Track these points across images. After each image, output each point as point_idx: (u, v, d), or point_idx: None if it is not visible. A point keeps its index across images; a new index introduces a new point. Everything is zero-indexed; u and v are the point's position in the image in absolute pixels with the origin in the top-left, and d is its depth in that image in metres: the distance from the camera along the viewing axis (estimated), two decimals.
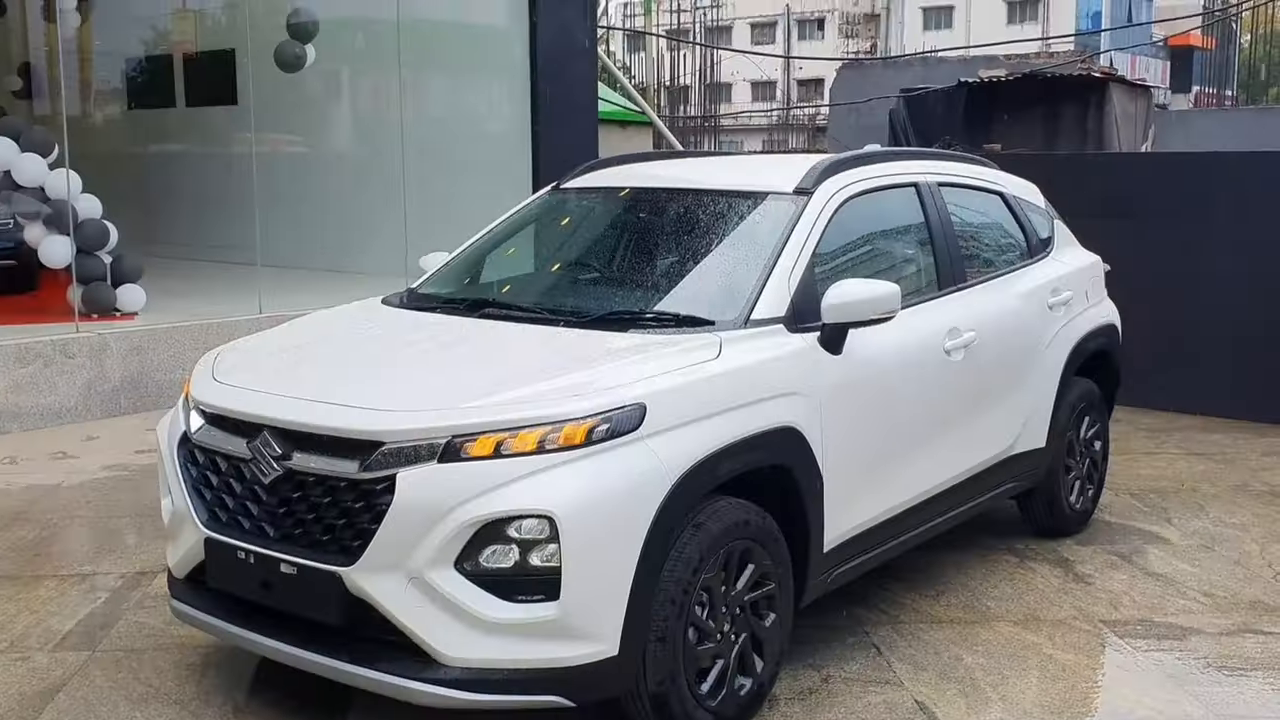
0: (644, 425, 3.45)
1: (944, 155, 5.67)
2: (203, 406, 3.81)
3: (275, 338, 4.36)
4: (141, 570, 5.30)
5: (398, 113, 11.46)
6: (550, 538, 3.29)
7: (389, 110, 11.83)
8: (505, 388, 3.54)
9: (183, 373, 8.54)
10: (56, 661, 4.36)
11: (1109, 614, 4.89)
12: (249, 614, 3.73)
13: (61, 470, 6.95)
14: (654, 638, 3.48)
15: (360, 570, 3.37)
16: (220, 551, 3.68)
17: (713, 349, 3.79)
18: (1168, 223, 8.55)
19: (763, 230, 4.39)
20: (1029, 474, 5.44)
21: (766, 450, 3.81)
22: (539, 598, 3.31)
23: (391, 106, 11.70)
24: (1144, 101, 14.62)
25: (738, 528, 3.70)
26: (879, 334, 4.27)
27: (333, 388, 3.66)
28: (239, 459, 3.63)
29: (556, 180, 5.27)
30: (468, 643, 3.32)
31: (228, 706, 4.01)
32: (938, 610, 4.91)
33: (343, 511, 3.42)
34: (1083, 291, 5.78)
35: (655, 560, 3.44)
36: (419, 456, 3.34)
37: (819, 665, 4.35)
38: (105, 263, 9.15)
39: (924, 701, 4.08)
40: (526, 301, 4.40)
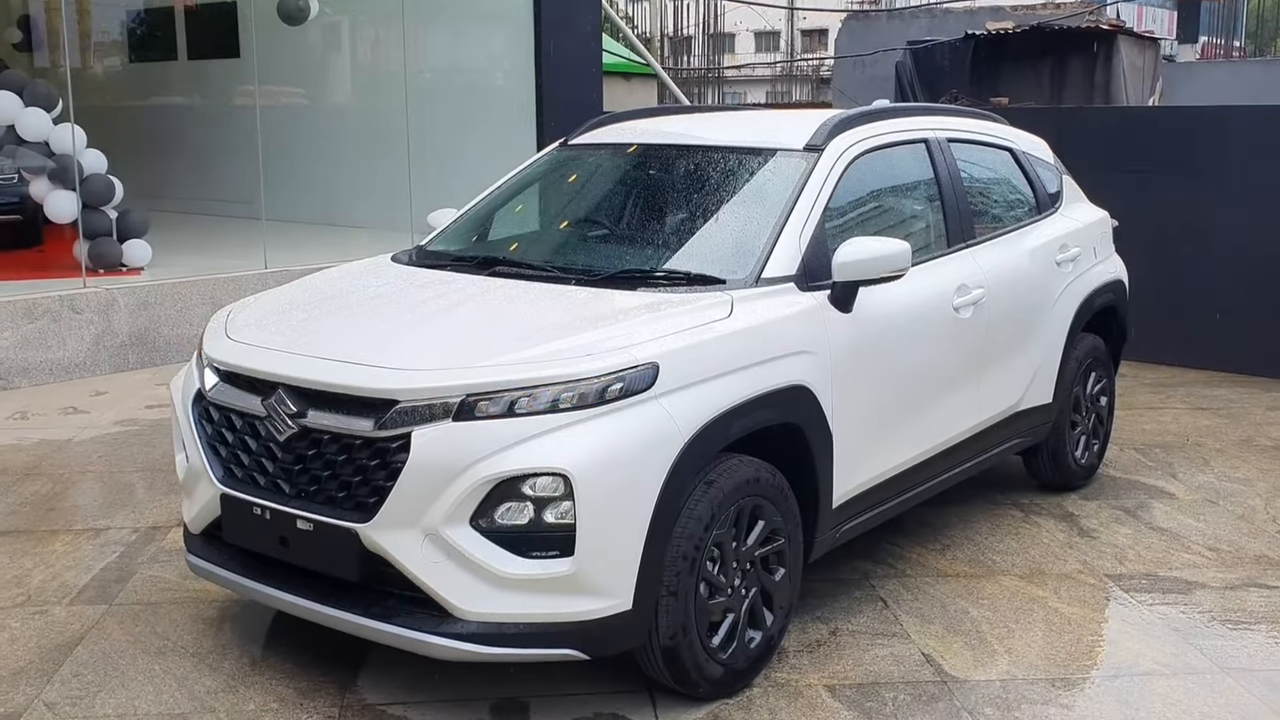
0: (657, 384, 3.47)
1: (953, 111, 5.66)
2: (217, 364, 3.84)
3: (287, 295, 4.37)
4: (154, 525, 5.35)
5: (401, 66, 11.41)
6: (564, 495, 3.33)
7: (392, 64, 11.77)
8: (519, 347, 3.56)
9: (190, 328, 8.61)
10: (74, 615, 4.41)
11: (1114, 568, 4.94)
12: (265, 568, 3.78)
13: (72, 425, 6.99)
14: (666, 592, 3.52)
15: (376, 526, 3.40)
16: (236, 508, 3.71)
17: (724, 308, 3.80)
18: (1175, 177, 8.53)
19: (773, 188, 4.38)
20: (1035, 430, 5.48)
21: (777, 408, 3.84)
22: (554, 554, 3.36)
23: (395, 60, 11.64)
24: (1152, 54, 14.49)
25: (748, 485, 3.74)
26: (888, 291, 4.28)
27: (347, 346, 3.68)
28: (254, 416, 3.66)
29: (564, 136, 5.26)
30: (483, 597, 3.37)
31: (244, 659, 4.07)
32: (944, 564, 4.96)
33: (358, 469, 3.45)
34: (1091, 247, 5.79)
35: (668, 517, 3.48)
36: (434, 415, 3.37)
37: (827, 618, 4.40)
38: (111, 218, 9.16)
39: (930, 654, 4.14)
40: (537, 260, 4.41)
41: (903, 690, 3.88)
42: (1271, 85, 19.82)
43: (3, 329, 7.76)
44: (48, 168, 8.99)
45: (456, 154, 11.63)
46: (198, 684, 3.89)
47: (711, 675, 3.71)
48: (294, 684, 3.89)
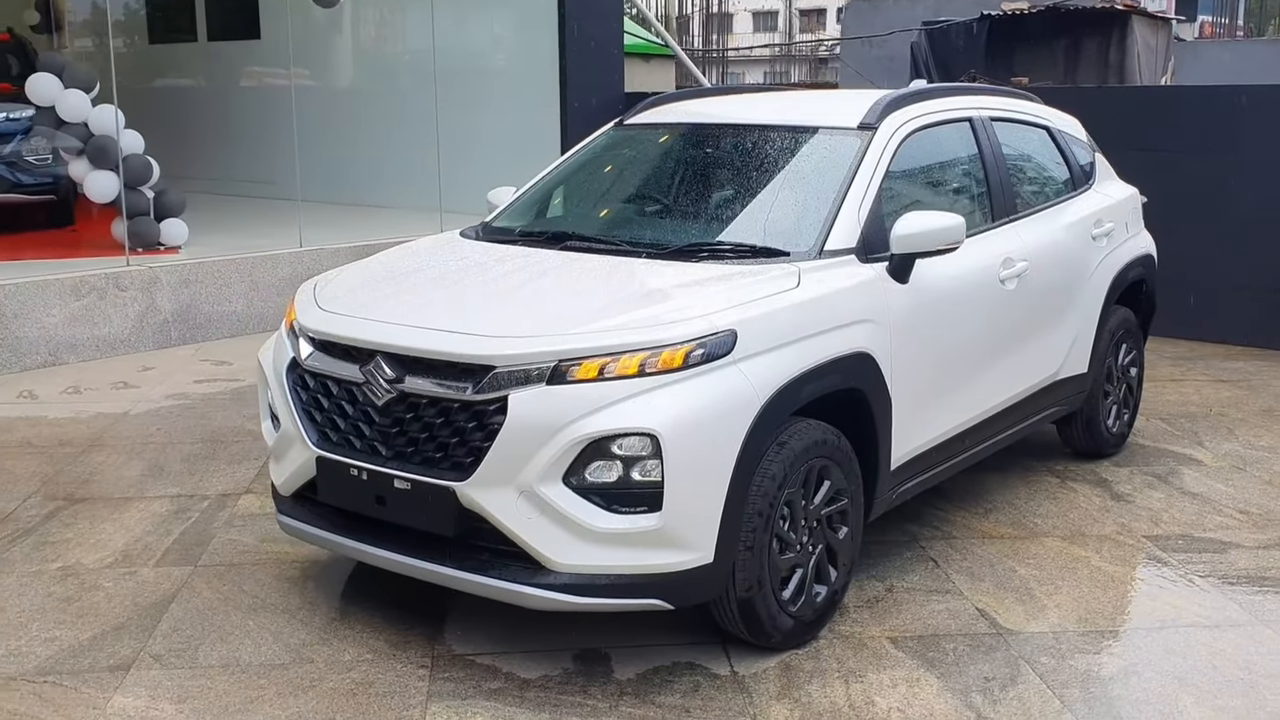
0: (735, 350, 3.67)
1: (992, 90, 5.84)
2: (312, 333, 4.03)
3: (369, 268, 4.56)
4: (223, 492, 5.55)
5: (430, 47, 11.55)
6: (652, 454, 3.53)
7: (420, 45, 11.91)
8: (605, 315, 3.76)
9: (229, 305, 8.81)
10: (162, 575, 4.62)
11: (1150, 530, 5.15)
12: (358, 526, 3.99)
13: (126, 399, 7.18)
14: (743, 547, 3.73)
15: (473, 484, 3.61)
16: (332, 469, 3.92)
17: (792, 278, 4.00)
18: (1192, 155, 8.72)
19: (830, 164, 4.57)
20: (1072, 398, 5.68)
21: (843, 374, 4.04)
22: (642, 509, 3.56)
23: (423, 41, 11.78)
24: (1164, 34, 14.67)
25: (816, 447, 3.94)
26: (940, 264, 4.49)
27: (441, 315, 3.88)
28: (351, 383, 3.86)
29: (619, 116, 5.44)
30: (575, 550, 3.57)
31: (332, 614, 4.28)
32: (987, 526, 5.17)
33: (455, 430, 3.65)
34: (1123, 223, 5.99)
35: (745, 476, 3.69)
36: (529, 379, 3.57)
37: (882, 577, 4.62)
38: (148, 197, 9.32)
39: (984, 609, 4.35)
40: (605, 234, 4.59)
41: (961, 641, 4.10)
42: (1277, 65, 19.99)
43: (51, 307, 7.94)
44: (87, 148, 9.14)
45: (483, 135, 11.80)
46: (292, 637, 4.10)
47: (783, 626, 3.92)
48: (384, 636, 4.10)
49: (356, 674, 3.85)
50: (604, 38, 11.74)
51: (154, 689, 3.75)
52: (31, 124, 10.13)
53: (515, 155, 11.73)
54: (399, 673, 3.86)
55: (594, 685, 3.78)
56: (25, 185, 10.54)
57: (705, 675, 3.85)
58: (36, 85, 9.14)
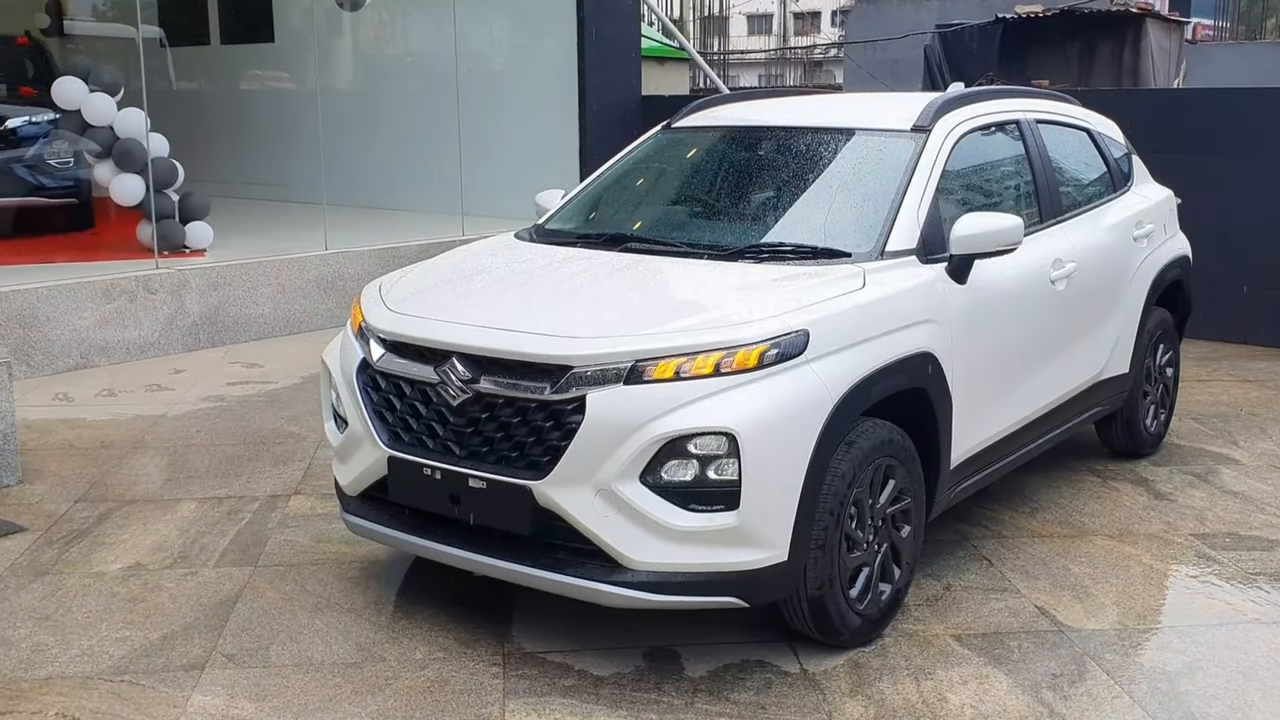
0: (808, 350, 3.71)
1: (1035, 93, 5.89)
2: (382, 335, 4.06)
3: (434, 271, 4.59)
4: (272, 494, 5.57)
5: (451, 51, 11.57)
6: (728, 453, 3.57)
7: (443, 49, 11.92)
8: (679, 315, 3.80)
9: (256, 307, 8.84)
10: (223, 576, 4.64)
11: (1196, 528, 5.20)
12: (427, 525, 4.02)
13: (161, 401, 7.20)
14: (815, 545, 3.77)
15: (550, 483, 3.64)
16: (405, 469, 3.95)
17: (858, 279, 4.04)
18: (1215, 157, 8.78)
19: (885, 166, 4.62)
20: (1114, 398, 5.73)
21: (908, 374, 4.08)
22: (719, 507, 3.60)
23: (445, 44, 11.79)
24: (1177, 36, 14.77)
25: (883, 446, 3.98)
26: (996, 264, 4.53)
27: (515, 316, 3.91)
28: (425, 383, 3.89)
29: (667, 120, 5.48)
30: (652, 548, 3.61)
31: (399, 613, 4.31)
32: (1035, 525, 5.21)
33: (532, 430, 3.68)
34: (1161, 224, 6.04)
35: (818, 475, 3.72)
36: (606, 379, 3.60)
37: (938, 576, 4.66)
38: (173, 200, 9.35)
39: (1043, 606, 4.39)
40: (664, 236, 4.63)
41: (1025, 639, 4.14)
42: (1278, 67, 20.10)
43: (83, 310, 7.96)
44: (114, 151, 9.15)
45: (503, 139, 11.82)
46: (361, 636, 4.13)
47: (851, 625, 3.96)
48: (452, 634, 4.13)
49: (430, 672, 3.88)
50: (622, 41, 11.80)
51: (231, 688, 3.78)
52: (53, 127, 10.15)
53: (535, 159, 11.78)
54: (472, 670, 3.89)
55: (667, 683, 3.82)
56: (46, 188, 10.54)
57: (776, 673, 3.89)
58: (62, 89, 9.16)
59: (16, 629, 4.18)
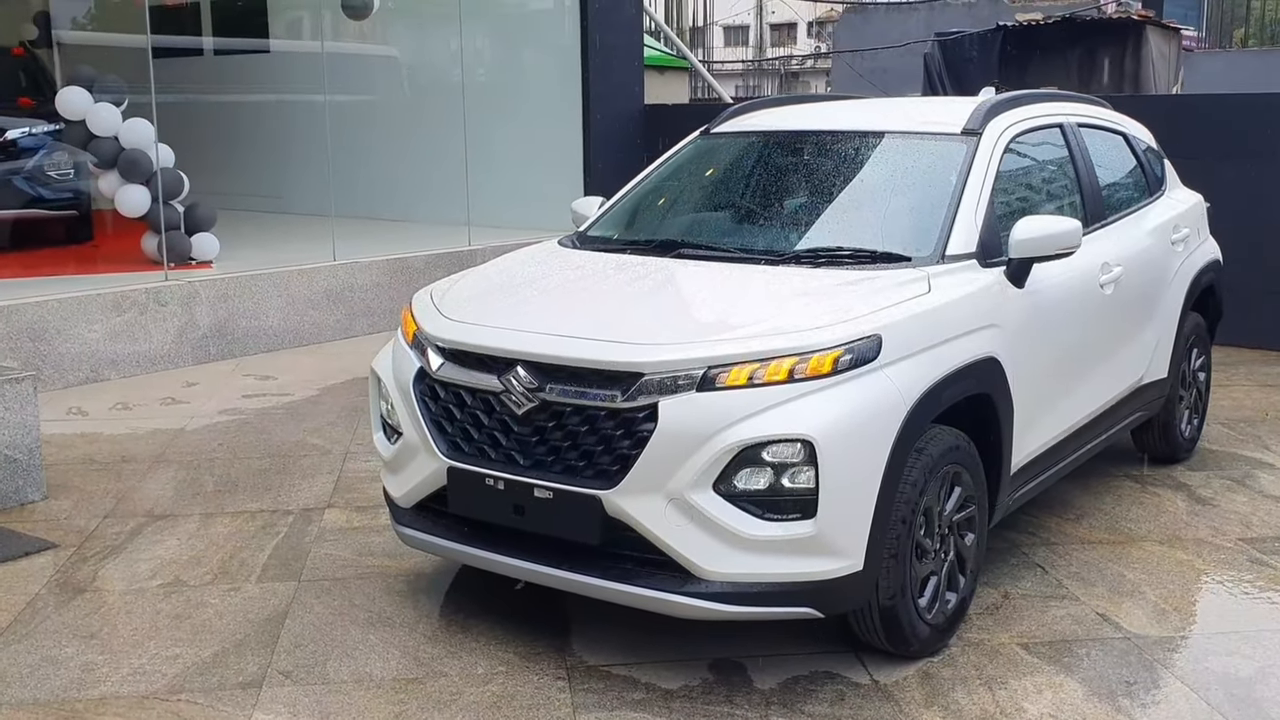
0: (881, 355, 3.65)
1: (1074, 97, 5.87)
2: (441, 344, 3.97)
3: (486, 278, 4.50)
4: (306, 507, 5.47)
5: (458, 61, 11.49)
6: (804, 460, 3.50)
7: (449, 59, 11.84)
8: (750, 321, 3.73)
9: (265, 319, 8.74)
10: (268, 591, 4.54)
11: (1244, 533, 5.16)
12: (487, 536, 3.93)
13: (178, 415, 7.08)
14: (888, 554, 3.70)
15: (620, 493, 3.56)
16: (465, 480, 3.86)
17: (923, 283, 3.99)
18: (1225, 162, 8.78)
19: (938, 169, 4.57)
20: (1153, 403, 5.70)
21: (975, 379, 4.03)
22: (795, 516, 3.53)
23: (452, 55, 11.71)
24: (1176, 43, 14.84)
25: (951, 453, 3.92)
26: (1051, 268, 4.49)
27: (579, 323, 3.83)
28: (488, 392, 3.80)
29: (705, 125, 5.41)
30: (726, 558, 3.53)
31: (453, 627, 4.22)
32: (1083, 532, 5.16)
33: (601, 438, 3.61)
34: (1196, 228, 6.03)
35: (892, 483, 3.66)
36: (678, 386, 3.53)
37: (995, 584, 4.60)
38: (179, 212, 9.22)
39: (1104, 613, 4.34)
40: (718, 241, 4.56)
41: (1092, 646, 4.08)
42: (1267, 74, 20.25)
43: (93, 322, 7.83)
44: (119, 162, 9.03)
45: (508, 149, 11.74)
46: (419, 650, 4.04)
47: (920, 634, 3.90)
48: (512, 648, 4.04)
49: (495, 686, 3.79)
50: (625, 50, 11.75)
51: (292, 706, 3.68)
52: (53, 138, 10.02)
53: (539, 168, 11.71)
54: (537, 685, 3.81)
55: (738, 695, 3.74)
56: (46, 200, 10.40)
57: (847, 684, 3.82)
58: (66, 99, 9.03)
59: (63, 648, 4.07)
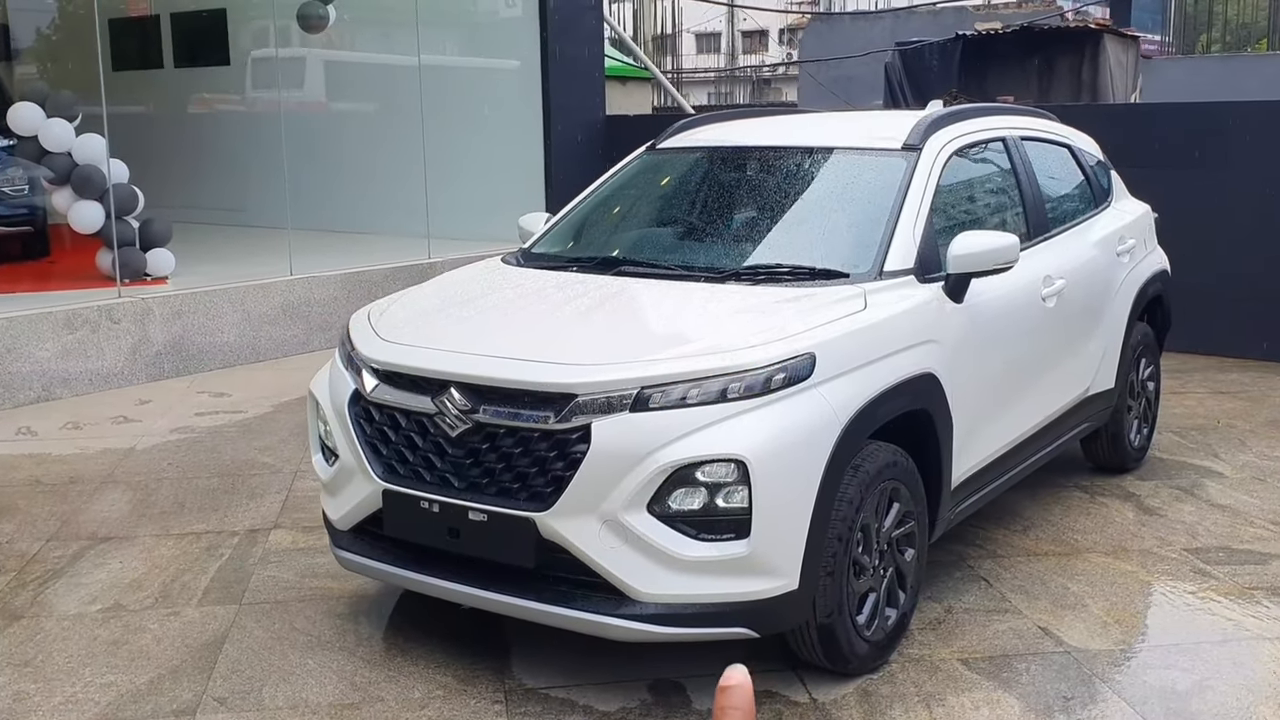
0: (815, 373, 3.65)
1: (1019, 110, 5.90)
2: (375, 365, 3.94)
3: (423, 298, 4.48)
4: (252, 528, 5.43)
5: (415, 72, 11.45)
6: (738, 480, 3.49)
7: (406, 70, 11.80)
8: (682, 340, 3.73)
9: (221, 335, 8.67)
10: (208, 615, 4.50)
11: (1189, 543, 5.19)
12: (423, 560, 3.90)
13: (129, 434, 7.02)
14: (824, 572, 3.70)
15: (555, 515, 3.54)
16: (400, 503, 3.83)
17: (859, 300, 3.99)
18: (1181, 170, 8.85)
19: (878, 184, 4.58)
20: (1100, 414, 5.72)
21: (911, 395, 4.03)
22: (729, 536, 3.52)
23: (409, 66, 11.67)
24: (1133, 51, 14.96)
25: (888, 469, 3.92)
26: (990, 282, 4.50)
27: (514, 344, 3.82)
28: (421, 414, 3.78)
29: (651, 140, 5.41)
30: (661, 580, 3.52)
31: (393, 650, 4.19)
32: (1029, 544, 5.18)
33: (535, 460, 3.59)
34: (1142, 239, 6.06)
35: (827, 500, 3.66)
36: (611, 407, 3.52)
37: (938, 598, 4.60)
38: (134, 227, 9.14)
39: (1046, 627, 4.35)
40: (659, 259, 4.55)
41: (1032, 661, 4.09)
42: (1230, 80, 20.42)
43: (44, 340, 7.76)
44: (72, 178, 8.95)
45: (467, 160, 11.71)
46: (357, 675, 4.01)
47: (859, 652, 3.89)
48: (451, 671, 4.02)
49: (431, 711, 3.77)
50: (585, 61, 11.75)
51: None
52: (7, 154, 9.93)
53: (500, 180, 11.68)
54: (474, 709, 3.78)
55: (676, 715, 3.73)
56: (2, 216, 10.31)
57: (785, 703, 3.81)
58: (18, 115, 8.95)
59: None
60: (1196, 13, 48.22)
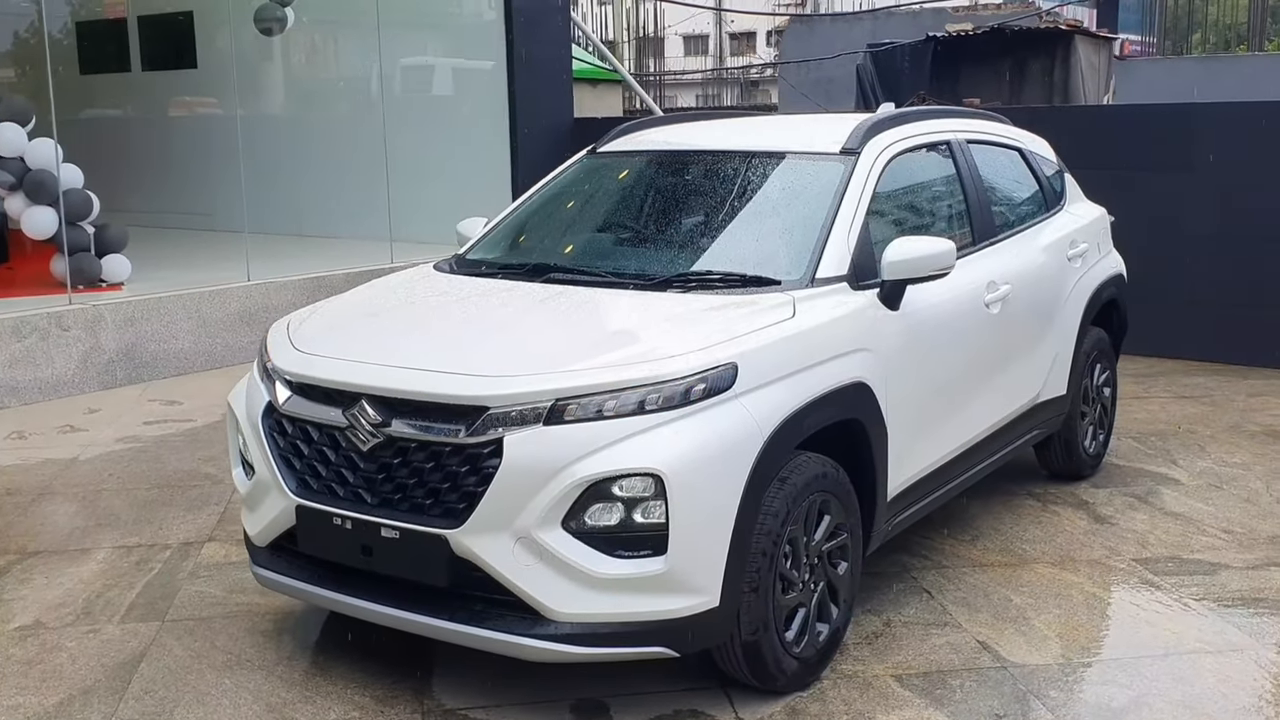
0: (737, 383, 3.55)
1: (966, 113, 5.80)
2: (288, 376, 3.84)
3: (344, 306, 4.38)
4: (185, 541, 5.32)
5: (377, 74, 11.36)
6: (655, 495, 3.39)
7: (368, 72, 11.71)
8: (600, 350, 3.63)
9: (176, 342, 8.55)
10: (129, 632, 4.39)
11: (1139, 553, 5.10)
12: (340, 578, 3.80)
13: (74, 444, 6.90)
14: (748, 588, 3.60)
15: (467, 532, 3.44)
16: (313, 519, 3.73)
17: (787, 308, 3.89)
18: (1144, 172, 8.78)
19: (814, 190, 4.48)
20: (1052, 420, 5.63)
21: (841, 405, 3.94)
22: (646, 553, 3.42)
23: (370, 68, 11.58)
24: (1106, 52, 14.88)
25: (817, 480, 3.82)
26: (928, 289, 4.40)
27: (427, 355, 3.71)
28: (333, 428, 3.68)
29: (592, 145, 5.31)
30: (577, 598, 3.42)
31: (313, 669, 4.08)
32: (976, 554, 5.09)
33: (447, 475, 3.49)
34: (1095, 243, 5.97)
35: (750, 514, 3.56)
36: (524, 420, 3.41)
37: (878, 611, 4.50)
38: (89, 233, 9.02)
39: (985, 641, 4.25)
40: (589, 266, 4.45)
41: (966, 677, 3.99)
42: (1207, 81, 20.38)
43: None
44: (24, 183, 8.82)
45: (432, 163, 11.61)
46: (273, 696, 3.90)
47: (788, 669, 3.79)
48: (369, 691, 3.91)
49: None
50: (552, 63, 11.65)
51: None
52: None
53: (465, 183, 11.57)
54: None
55: None
56: None
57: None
58: None
59: None
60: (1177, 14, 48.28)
